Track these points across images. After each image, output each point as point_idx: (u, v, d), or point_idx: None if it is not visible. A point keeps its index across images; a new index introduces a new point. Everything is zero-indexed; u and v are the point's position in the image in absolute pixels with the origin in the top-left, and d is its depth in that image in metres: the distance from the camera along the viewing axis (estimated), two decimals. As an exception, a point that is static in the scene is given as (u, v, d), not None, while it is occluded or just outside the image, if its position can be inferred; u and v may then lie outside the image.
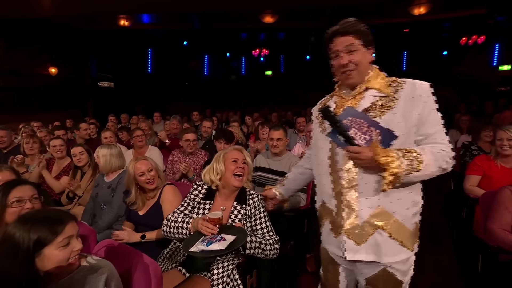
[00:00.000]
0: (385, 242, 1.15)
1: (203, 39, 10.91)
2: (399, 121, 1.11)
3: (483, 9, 7.95)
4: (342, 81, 1.23)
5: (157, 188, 2.02)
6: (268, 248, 1.56)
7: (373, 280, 1.21)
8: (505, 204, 1.74)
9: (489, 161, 2.52)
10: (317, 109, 1.37)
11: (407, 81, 1.16)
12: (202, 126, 3.90)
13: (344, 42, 1.15)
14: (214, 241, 1.39)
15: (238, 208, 1.66)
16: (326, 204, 1.29)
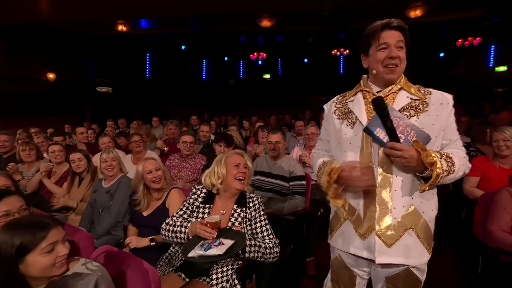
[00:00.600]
0: (414, 243, 1.15)
1: (201, 43, 10.95)
2: (432, 124, 1.15)
3: (479, 10, 8.02)
4: (383, 74, 1.18)
5: (163, 190, 2.05)
6: (268, 251, 1.55)
7: (393, 280, 1.20)
8: (503, 205, 1.74)
9: (487, 162, 2.53)
10: (334, 106, 1.35)
11: (433, 90, 1.22)
12: (200, 130, 3.90)
13: (395, 37, 1.15)
14: (213, 246, 1.38)
15: (238, 211, 1.65)
16: (350, 204, 1.23)
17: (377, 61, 1.17)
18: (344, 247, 1.25)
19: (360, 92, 1.27)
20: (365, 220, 1.17)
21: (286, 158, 2.50)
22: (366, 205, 1.17)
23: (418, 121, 1.14)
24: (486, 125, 3.57)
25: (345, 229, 1.24)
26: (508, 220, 1.71)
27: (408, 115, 1.15)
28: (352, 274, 1.29)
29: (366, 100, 1.23)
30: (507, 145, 2.35)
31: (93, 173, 2.73)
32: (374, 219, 1.15)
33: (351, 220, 1.22)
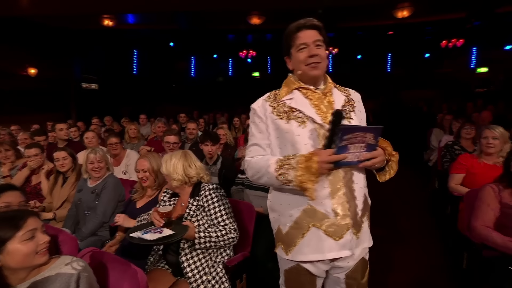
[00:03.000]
0: (367, 227, 1.26)
1: (190, 40, 10.82)
2: (361, 118, 1.28)
3: (462, 13, 8.26)
4: (307, 72, 1.18)
5: (155, 188, 2.13)
6: (221, 239, 1.65)
7: (353, 273, 1.23)
8: (487, 201, 1.79)
9: (472, 159, 2.61)
10: (268, 105, 1.25)
11: (349, 89, 1.32)
12: (187, 128, 3.85)
13: (313, 36, 1.17)
14: (152, 231, 1.54)
15: (191, 202, 1.77)
16: (316, 208, 1.15)
17: (300, 61, 1.19)
18: (316, 256, 1.17)
19: (297, 90, 1.23)
20: (338, 220, 1.14)
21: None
22: (336, 204, 1.14)
23: (356, 115, 1.23)
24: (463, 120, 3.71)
25: (313, 237, 1.16)
26: (492, 216, 1.75)
27: (348, 110, 1.22)
28: (312, 278, 1.24)
29: (308, 97, 1.20)
30: (495, 143, 2.44)
31: (78, 173, 2.64)
32: (347, 217, 1.15)
33: (318, 226, 1.15)
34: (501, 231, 1.69)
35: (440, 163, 3.53)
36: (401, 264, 2.46)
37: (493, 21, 8.49)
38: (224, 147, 3.57)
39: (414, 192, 4.33)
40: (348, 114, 1.21)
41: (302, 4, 6.98)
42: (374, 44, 11.22)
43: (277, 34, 10.97)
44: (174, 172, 1.78)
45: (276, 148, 1.22)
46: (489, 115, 4.64)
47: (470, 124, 3.41)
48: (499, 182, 1.83)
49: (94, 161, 2.34)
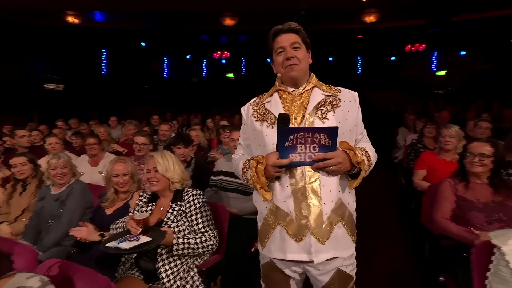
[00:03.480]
0: (342, 235, 1.18)
1: (162, 40, 10.57)
2: (346, 118, 1.20)
3: (423, 20, 8.85)
4: (286, 74, 1.22)
5: (129, 192, 2.03)
6: (199, 246, 1.63)
7: (330, 285, 1.22)
8: (445, 195, 1.91)
9: (433, 156, 2.80)
10: (251, 108, 1.33)
11: (342, 88, 1.28)
12: (160, 130, 3.76)
13: (289, 39, 1.20)
14: (128, 240, 1.47)
15: (173, 206, 1.73)
16: (280, 207, 1.17)
17: (279, 64, 1.22)
18: (279, 255, 1.18)
19: (276, 92, 1.28)
20: (298, 221, 1.13)
21: (249, 157, 2.49)
22: (297, 205, 1.13)
23: (334, 115, 1.18)
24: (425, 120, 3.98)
25: (278, 236, 1.18)
26: (449, 209, 1.88)
27: (325, 110, 1.19)
28: (285, 276, 1.27)
29: (283, 99, 1.24)
30: (452, 141, 2.65)
31: (40, 179, 2.47)
32: (308, 219, 1.12)
33: (283, 225, 1.16)
34: (457, 221, 1.81)
35: (405, 160, 3.73)
36: (370, 257, 2.56)
37: (449, 28, 9.22)
38: (197, 149, 3.53)
39: (383, 188, 4.55)
40: (323, 114, 1.18)
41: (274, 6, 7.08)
42: (345, 47, 11.65)
43: (251, 36, 11.05)
44: (175, 173, 1.76)
45: (254, 148, 1.29)
46: (448, 115, 4.99)
47: (431, 123, 3.64)
48: (454, 177, 1.98)
49: (56, 167, 2.21)
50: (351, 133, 1.22)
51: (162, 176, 1.74)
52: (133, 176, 2.04)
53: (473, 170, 1.86)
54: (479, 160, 1.84)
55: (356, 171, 1.15)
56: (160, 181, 1.74)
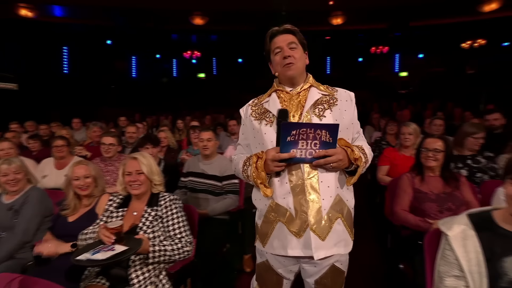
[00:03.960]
0: (342, 231, 1.19)
1: (130, 39, 10.16)
2: (343, 117, 1.23)
3: (385, 24, 9.40)
4: (283, 73, 1.25)
5: (93, 196, 1.92)
6: (176, 252, 1.58)
7: (322, 280, 1.24)
8: (403, 188, 2.05)
9: (394, 152, 2.97)
10: (250, 108, 1.35)
11: (338, 88, 1.32)
12: (126, 132, 3.61)
13: (286, 40, 1.23)
14: (103, 250, 1.40)
15: (149, 211, 1.67)
16: (279, 203, 1.19)
17: (276, 64, 1.26)
18: (281, 251, 1.20)
19: (274, 92, 1.30)
20: (298, 217, 1.15)
21: (219, 158, 2.49)
22: (296, 201, 1.16)
23: (331, 114, 1.20)
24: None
25: (279, 232, 1.19)
26: (407, 201, 2.01)
27: (322, 108, 1.21)
28: (279, 278, 1.30)
29: (281, 98, 1.27)
30: (410, 138, 2.84)
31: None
32: (307, 214, 1.14)
33: (283, 221, 1.18)
34: (414, 212, 1.95)
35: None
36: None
37: (409, 33, 9.89)
38: (167, 151, 3.45)
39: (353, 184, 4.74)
40: (321, 112, 1.21)
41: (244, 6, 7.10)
42: (314, 48, 11.98)
43: (222, 35, 11.00)
44: (158, 174, 1.70)
45: (253, 147, 1.30)
46: (408, 114, 5.33)
47: (393, 121, 3.87)
48: (412, 171, 2.12)
49: (8, 173, 2.03)
50: (347, 131, 1.25)
51: (146, 179, 1.69)
52: (96, 179, 1.93)
53: (428, 164, 2.01)
54: (433, 155, 1.99)
55: (353, 168, 1.18)
56: (143, 184, 1.68)
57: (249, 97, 1.42)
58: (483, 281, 1.10)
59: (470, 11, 8.08)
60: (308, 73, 1.32)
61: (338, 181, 1.20)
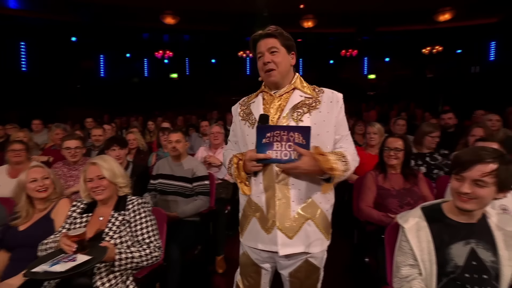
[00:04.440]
0: (313, 232, 1.24)
1: (97, 36, 9.69)
2: (323, 120, 1.24)
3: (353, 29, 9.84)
4: (265, 79, 1.30)
5: (50, 201, 1.82)
6: (144, 259, 1.55)
7: (296, 273, 1.30)
8: (368, 185, 2.15)
9: (361, 151, 3.10)
10: (239, 107, 1.39)
11: (325, 89, 1.32)
12: (92, 134, 3.44)
13: (268, 44, 1.25)
14: (63, 261, 1.29)
15: (115, 216, 1.62)
16: (254, 201, 1.27)
17: (259, 68, 1.29)
18: (253, 244, 1.30)
19: (260, 94, 1.35)
20: (268, 215, 1.23)
21: (189, 159, 2.46)
22: (268, 200, 1.23)
23: (310, 117, 1.22)
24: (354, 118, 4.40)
25: (253, 227, 1.29)
26: (372, 197, 2.12)
27: (301, 112, 1.23)
28: (258, 268, 1.36)
29: (265, 100, 1.30)
30: (375, 137, 2.98)
31: None
32: (275, 214, 1.21)
33: (257, 217, 1.27)
34: (378, 208, 2.06)
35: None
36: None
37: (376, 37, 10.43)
38: (137, 153, 3.34)
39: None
40: (299, 116, 1.22)
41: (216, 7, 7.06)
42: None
43: (194, 35, 10.85)
44: (122, 177, 1.64)
45: (241, 145, 1.36)
46: (375, 114, 5.60)
47: (360, 121, 4.05)
48: (376, 169, 2.23)
49: None
50: (328, 134, 1.24)
51: (109, 183, 1.62)
52: (54, 182, 1.83)
53: (390, 162, 2.13)
54: (394, 153, 2.11)
55: (327, 176, 1.18)
56: (107, 189, 1.62)
57: (223, 98, 1.45)
58: (433, 268, 1.20)
59: (428, 20, 8.72)
60: (296, 73, 1.34)
61: (311, 185, 1.23)
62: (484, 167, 1.13)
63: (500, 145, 1.92)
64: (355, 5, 7.58)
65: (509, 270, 1.15)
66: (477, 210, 1.20)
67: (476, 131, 2.64)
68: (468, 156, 1.17)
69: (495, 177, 1.12)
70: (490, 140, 1.98)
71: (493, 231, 1.21)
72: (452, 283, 1.19)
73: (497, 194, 1.15)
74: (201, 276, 2.47)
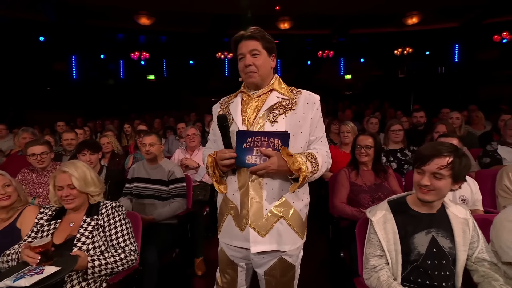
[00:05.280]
0: (285, 231, 1.26)
1: (67, 36, 9.27)
2: (299, 121, 1.26)
3: (328, 30, 10.11)
4: (245, 80, 1.31)
5: (14, 209, 1.72)
6: (119, 264, 1.52)
7: (271, 271, 1.31)
8: (341, 182, 2.23)
9: (336, 149, 3.20)
10: (219, 107, 1.41)
11: (303, 90, 1.35)
12: (64, 139, 3.31)
13: (249, 46, 1.26)
14: (28, 274, 1.22)
15: (88, 221, 1.57)
16: (229, 199, 1.30)
17: (240, 70, 1.30)
18: (229, 241, 1.33)
19: (240, 94, 1.36)
20: (242, 213, 1.25)
21: (164, 162, 2.43)
22: (242, 199, 1.25)
23: (285, 119, 1.24)
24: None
25: (228, 224, 1.32)
26: (345, 194, 2.19)
27: (277, 113, 1.25)
28: (234, 266, 1.39)
29: (243, 101, 1.32)
30: (348, 136, 3.09)
31: None
32: (248, 212, 1.23)
33: (232, 214, 1.30)
34: (351, 204, 2.13)
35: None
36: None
37: (351, 39, 10.79)
38: (111, 157, 3.25)
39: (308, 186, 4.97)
40: (274, 117, 1.24)
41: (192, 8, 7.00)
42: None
43: (171, 37, 10.67)
44: (94, 184, 1.58)
45: (220, 144, 1.32)
46: (350, 113, 5.78)
47: (336, 120, 4.18)
48: (349, 166, 2.32)
49: None
50: (302, 135, 1.27)
51: (80, 193, 1.56)
52: (16, 189, 1.74)
53: (361, 159, 2.21)
54: (364, 151, 2.20)
55: (295, 176, 1.19)
56: (77, 198, 1.55)
57: (201, 99, 1.45)
58: (398, 257, 1.27)
59: (398, 23, 9.16)
60: (276, 74, 1.36)
61: (283, 184, 1.25)
62: (441, 161, 1.22)
63: (459, 140, 2.06)
64: (329, 8, 7.80)
65: (463, 254, 1.25)
66: (436, 201, 1.29)
67: (439, 128, 2.81)
68: (427, 151, 1.27)
69: (450, 170, 1.21)
70: (450, 136, 2.11)
71: (451, 220, 1.30)
72: (416, 270, 1.27)
73: (453, 185, 1.25)
74: (179, 279, 2.44)
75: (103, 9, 7.30)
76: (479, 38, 10.27)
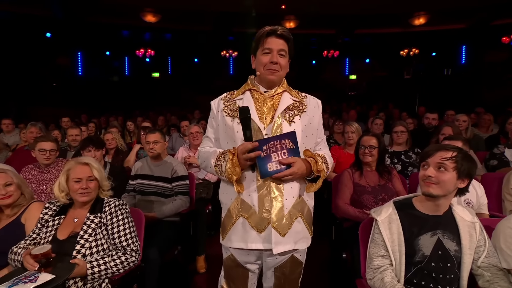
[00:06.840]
0: (302, 229, 1.29)
1: (73, 32, 9.32)
2: (310, 123, 1.31)
3: (333, 30, 10.06)
4: (264, 75, 1.28)
5: (19, 206, 1.73)
6: (120, 267, 1.52)
7: (281, 268, 1.33)
8: (345, 183, 2.21)
9: (340, 150, 3.18)
10: (222, 103, 1.35)
11: (307, 94, 1.40)
12: (68, 135, 3.33)
13: (279, 44, 1.25)
14: (21, 282, 1.23)
15: (91, 218, 1.57)
16: (245, 200, 1.25)
17: (261, 64, 1.27)
18: (240, 244, 1.27)
19: (248, 91, 1.34)
20: (261, 213, 1.22)
21: (168, 159, 2.43)
22: (261, 199, 1.22)
23: (300, 120, 1.27)
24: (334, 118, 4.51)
25: (240, 227, 1.27)
26: (348, 194, 2.18)
27: (293, 114, 1.28)
28: (244, 271, 1.35)
29: (255, 99, 1.31)
30: (353, 136, 3.06)
31: None
32: (270, 212, 1.21)
33: (246, 217, 1.25)
34: (354, 205, 2.12)
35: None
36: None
37: (356, 39, 10.72)
38: (115, 153, 3.26)
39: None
40: (291, 117, 1.27)
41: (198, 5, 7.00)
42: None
43: (177, 34, 10.68)
44: (105, 180, 1.60)
45: (224, 142, 1.32)
46: (355, 114, 5.74)
47: (339, 121, 4.15)
48: (352, 167, 2.30)
49: None
50: (313, 136, 1.33)
51: (97, 185, 1.58)
52: (19, 187, 1.73)
53: (365, 160, 2.20)
54: (368, 151, 2.18)
55: (314, 176, 1.25)
56: (93, 191, 1.58)
57: (205, 97, 1.42)
58: (402, 258, 1.26)
59: (405, 23, 9.07)
60: (285, 79, 1.37)
61: (301, 182, 1.28)
62: (445, 153, 1.23)
63: (464, 143, 2.03)
64: (335, 7, 7.76)
65: (469, 258, 1.24)
66: (442, 201, 1.27)
67: (445, 130, 2.78)
68: (432, 147, 1.29)
69: (455, 163, 1.21)
70: (455, 139, 2.09)
71: (458, 222, 1.28)
72: (420, 272, 1.25)
73: (458, 182, 1.23)
74: (181, 276, 2.45)
75: (109, 6, 7.34)
76: (487, 40, 10.14)
